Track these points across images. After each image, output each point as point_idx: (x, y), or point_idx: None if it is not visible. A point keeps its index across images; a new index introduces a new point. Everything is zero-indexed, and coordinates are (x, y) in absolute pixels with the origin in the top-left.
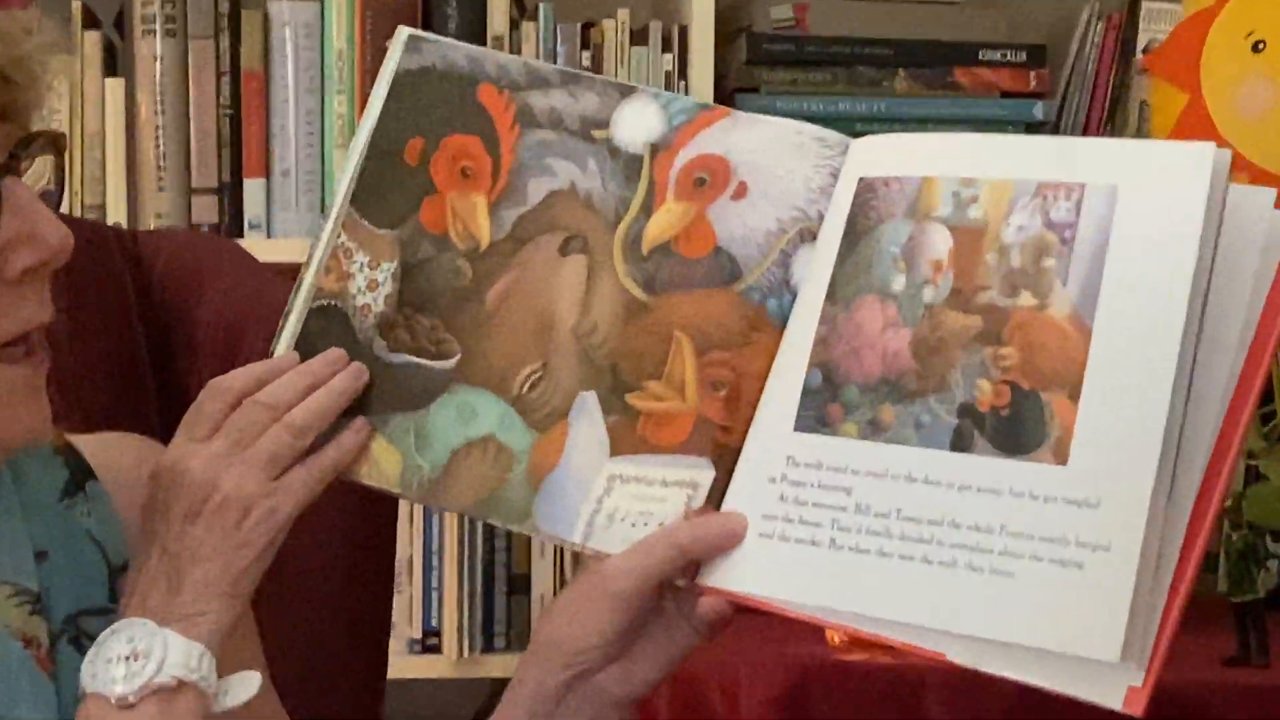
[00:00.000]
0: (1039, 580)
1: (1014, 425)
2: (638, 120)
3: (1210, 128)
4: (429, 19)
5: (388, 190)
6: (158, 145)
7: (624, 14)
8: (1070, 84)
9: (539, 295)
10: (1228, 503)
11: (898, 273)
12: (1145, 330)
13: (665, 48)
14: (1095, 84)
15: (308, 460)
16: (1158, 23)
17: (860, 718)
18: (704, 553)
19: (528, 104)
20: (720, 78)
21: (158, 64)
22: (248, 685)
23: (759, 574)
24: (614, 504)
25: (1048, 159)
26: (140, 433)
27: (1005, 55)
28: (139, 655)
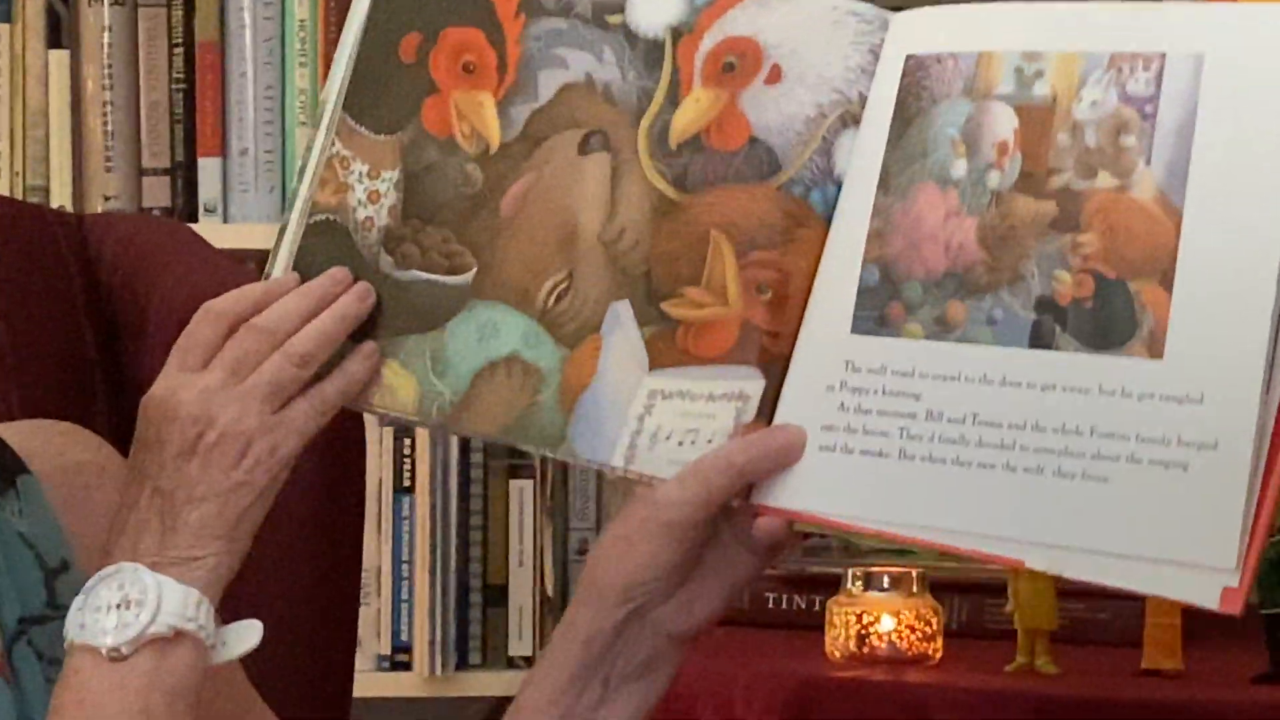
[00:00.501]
0: (1139, 484)
1: (1100, 318)
2: (656, 1)
3: None
4: None
5: (384, 92)
6: (105, 122)
7: None
8: None
9: (559, 199)
10: None
11: (957, 157)
12: (1242, 208)
13: None
14: None
15: (311, 391)
16: None
17: None
18: (762, 472)
19: None
20: None
21: (105, 34)
22: (249, 635)
23: (821, 490)
24: (656, 423)
25: (1120, 27)
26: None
27: None
28: (131, 603)
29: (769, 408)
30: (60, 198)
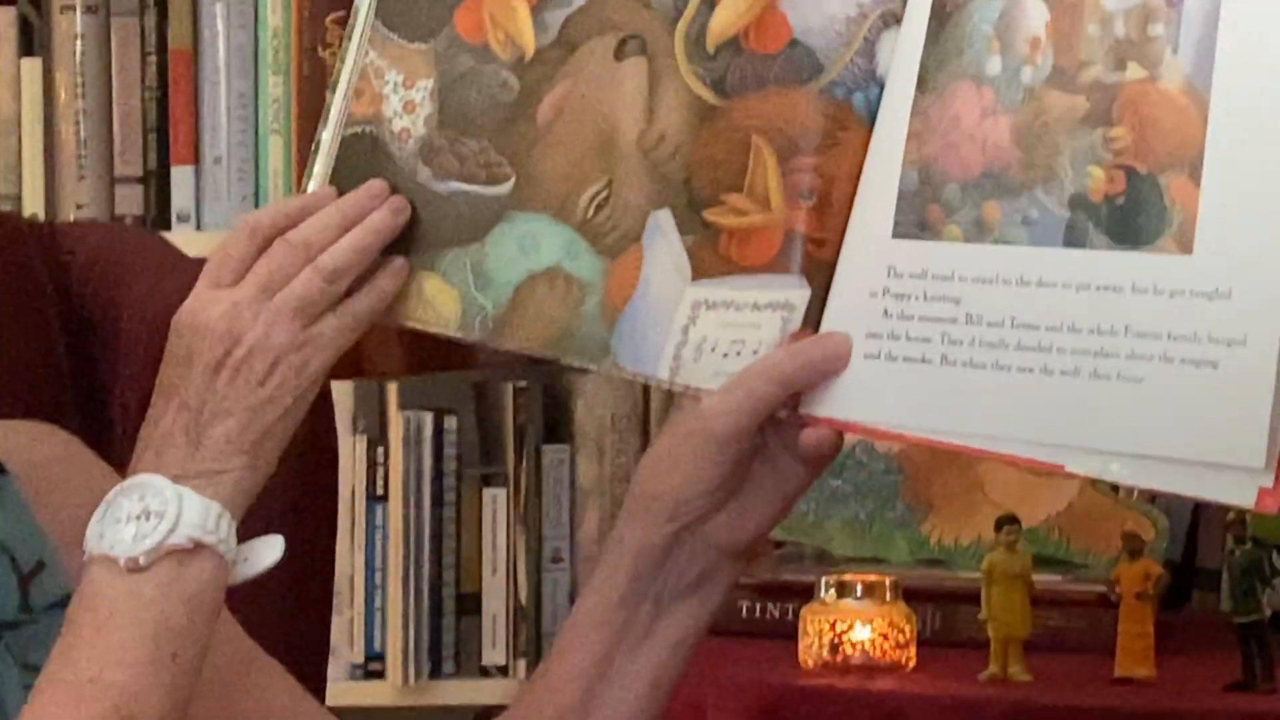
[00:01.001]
0: (1171, 384)
1: (1131, 213)
2: None
3: None
4: None
5: None
6: (78, 130)
7: None
8: None
9: (596, 106)
10: (1230, 516)
11: (992, 54)
12: (1269, 97)
13: None
14: None
15: (341, 307)
16: None
17: None
18: (809, 382)
19: None
20: None
21: (78, 42)
22: (269, 550)
23: (867, 399)
24: (701, 333)
25: None
26: None
27: None
28: (151, 514)
29: (815, 316)
30: (33, 206)
